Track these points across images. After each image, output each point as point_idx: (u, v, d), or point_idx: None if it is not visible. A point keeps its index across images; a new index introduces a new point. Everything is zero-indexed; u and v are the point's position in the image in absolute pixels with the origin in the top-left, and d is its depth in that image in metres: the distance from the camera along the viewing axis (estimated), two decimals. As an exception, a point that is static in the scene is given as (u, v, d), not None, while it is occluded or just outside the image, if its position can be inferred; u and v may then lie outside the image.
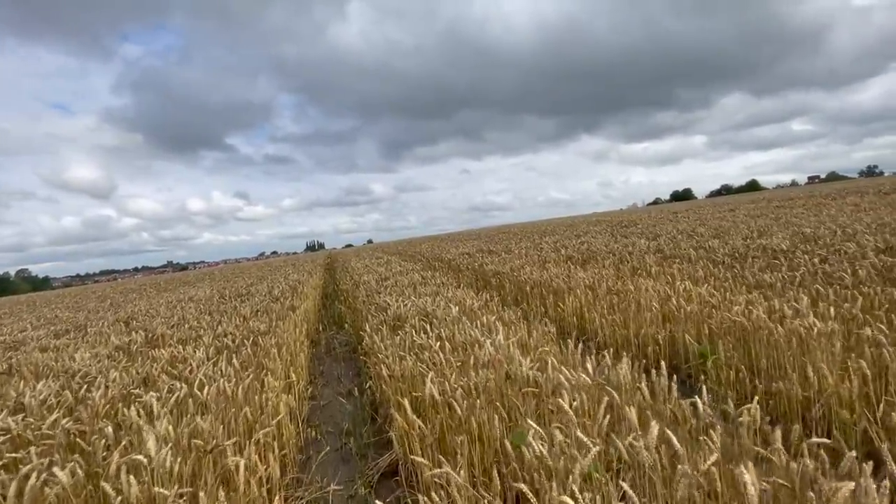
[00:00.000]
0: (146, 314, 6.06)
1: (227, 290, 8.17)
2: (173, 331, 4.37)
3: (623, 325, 3.45)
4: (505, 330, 3.05)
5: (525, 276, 5.80)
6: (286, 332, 4.19)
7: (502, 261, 8.11)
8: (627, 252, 6.26)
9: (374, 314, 4.35)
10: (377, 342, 3.35)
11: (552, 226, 21.97)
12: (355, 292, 6.61)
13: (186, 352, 3.38)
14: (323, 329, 6.24)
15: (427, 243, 22.79)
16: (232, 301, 6.52)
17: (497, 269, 7.10)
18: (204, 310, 5.68)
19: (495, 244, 12.93)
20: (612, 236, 9.88)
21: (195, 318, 5.00)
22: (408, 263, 10.29)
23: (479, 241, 16.10)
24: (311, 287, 8.25)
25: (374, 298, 5.19)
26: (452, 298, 4.66)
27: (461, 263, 9.20)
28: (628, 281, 4.41)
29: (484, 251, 11.01)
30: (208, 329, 4.29)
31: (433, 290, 5.46)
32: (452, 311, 3.70)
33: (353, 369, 4.56)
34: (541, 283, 5.30)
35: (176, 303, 7.08)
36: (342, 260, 18.00)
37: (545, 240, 11.38)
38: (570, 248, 8.17)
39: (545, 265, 6.60)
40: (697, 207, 19.62)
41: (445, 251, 12.90)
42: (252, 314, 5.13)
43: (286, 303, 5.89)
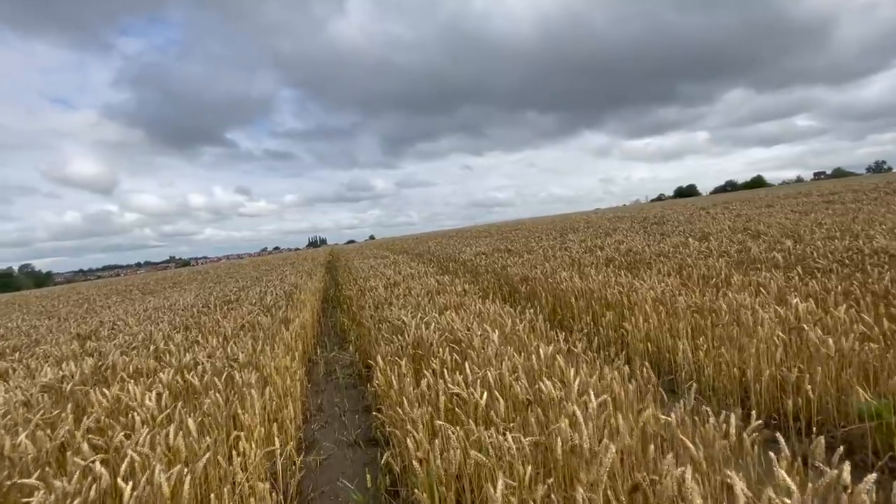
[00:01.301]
0: (113, 327, 5.24)
1: (214, 295, 7.34)
2: (131, 356, 3.53)
3: (730, 362, 2.57)
4: (572, 369, 2.18)
5: (564, 283, 4.92)
6: (274, 360, 3.34)
7: (527, 262, 7.23)
8: (684, 255, 5.37)
9: (385, 336, 3.49)
10: (394, 383, 2.49)
11: (569, 222, 21.02)
12: (361, 301, 5.76)
13: (136, 394, 2.53)
14: (322, 346, 5.40)
15: (434, 240, 21.91)
16: (216, 311, 5.68)
17: (524, 272, 6.22)
18: (180, 323, 4.85)
19: (512, 242, 12.05)
20: (646, 234, 8.98)
21: (165, 337, 4.16)
22: (418, 264, 9.43)
23: (493, 239, 15.21)
24: (310, 292, 7.41)
25: (384, 312, 4.33)
26: (483, 315, 3.79)
27: (478, 265, 8.32)
28: (707, 294, 3.52)
29: (501, 250, 10.13)
30: (175, 353, 3.45)
31: (455, 300, 4.60)
32: (491, 337, 2.83)
33: (360, 404, 3.71)
34: (588, 294, 4.42)
35: (153, 311, 6.26)
36: (344, 259, 17.16)
37: (569, 238, 10.48)
38: (607, 248, 7.27)
39: (582, 269, 5.73)
40: (725, 202, 18.61)
41: (458, 250, 12.02)
42: (235, 331, 4.29)
43: (278, 314, 5.04)
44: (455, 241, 18.63)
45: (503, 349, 2.64)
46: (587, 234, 11.06)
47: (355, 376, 4.35)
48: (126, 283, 18.74)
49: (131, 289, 13.99)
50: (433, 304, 4.42)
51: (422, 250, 15.58)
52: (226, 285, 10.09)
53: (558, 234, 12.49)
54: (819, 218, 7.29)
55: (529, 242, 10.78)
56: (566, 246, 8.71)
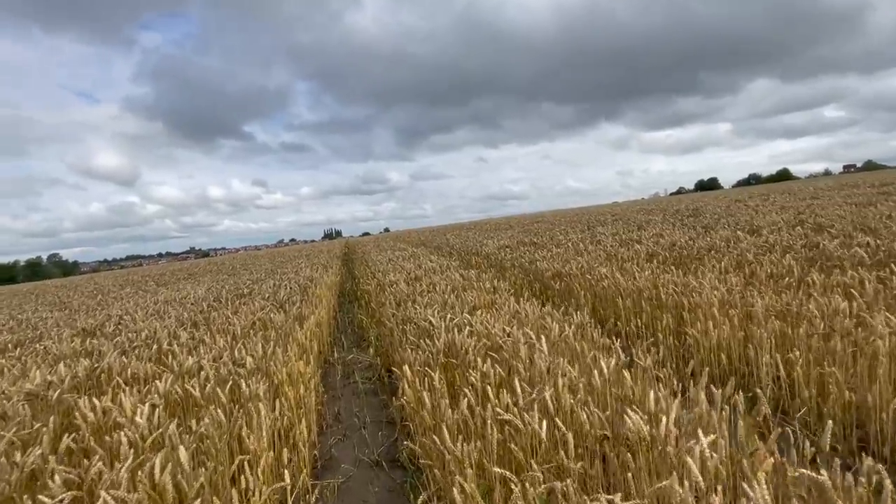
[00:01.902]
0: (119, 322, 4.99)
1: (227, 288, 7.08)
2: (131, 357, 3.23)
3: (840, 383, 2.10)
4: (652, 393, 1.76)
5: (605, 280, 4.46)
6: (287, 365, 2.99)
7: (556, 257, 6.77)
8: (741, 250, 4.85)
9: (411, 340, 3.10)
10: (426, 400, 2.10)
11: (593, 214, 20.34)
12: (380, 297, 5.40)
13: (127, 406, 2.21)
14: (338, 346, 5.06)
15: (453, 233, 21.51)
16: (227, 305, 5.39)
17: (556, 268, 5.77)
18: (188, 319, 4.56)
19: (536, 235, 11.55)
20: (683, 227, 8.40)
21: (170, 335, 3.86)
22: (438, 258, 9.04)
23: (514, 232, 14.72)
24: (326, 286, 7.09)
25: (407, 310, 3.95)
26: (520, 317, 3.38)
27: (503, 259, 7.89)
28: (784, 296, 3.04)
29: (526, 244, 9.67)
30: (178, 354, 3.13)
31: (486, 298, 4.19)
32: (539, 344, 2.41)
33: (382, 414, 3.35)
34: (636, 293, 3.97)
35: (163, 304, 6.02)
36: (361, 251, 16.88)
37: (599, 231, 9.95)
38: (645, 241, 6.75)
39: (622, 265, 5.25)
40: (761, 194, 17.71)
41: (479, 243, 11.59)
42: (245, 329, 3.97)
43: (292, 311, 4.71)
44: (474, 233, 18.18)
45: (555, 361, 2.23)
46: (617, 226, 10.50)
47: (375, 381, 4.00)
48: (142, 274, 18.84)
49: (147, 279, 13.96)
50: (461, 303, 4.02)
51: (440, 243, 15.19)
52: (240, 277, 9.88)
53: (585, 227, 11.94)
54: (884, 210, 6.64)
55: (555, 235, 10.28)
56: (597, 239, 8.20)
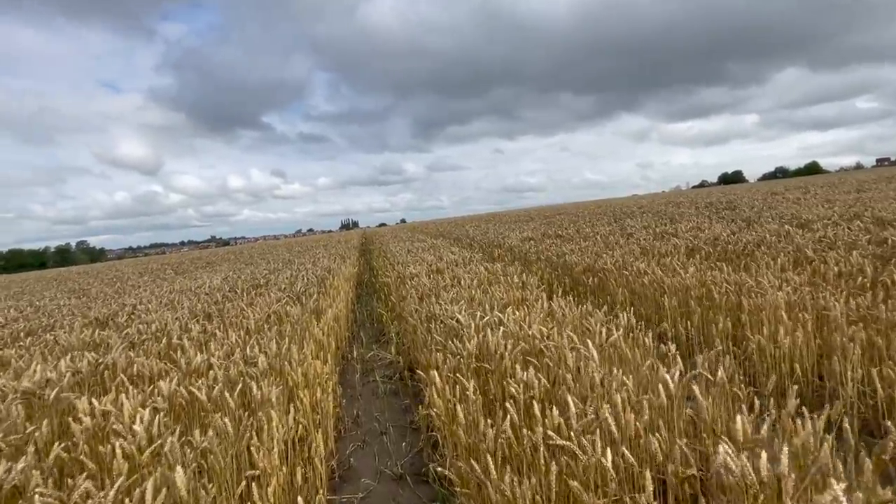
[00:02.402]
0: (133, 312, 4.87)
1: (243, 278, 6.95)
2: (138, 351, 3.05)
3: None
4: (740, 420, 1.45)
5: (646, 276, 4.12)
6: (302, 364, 2.77)
7: (586, 250, 6.42)
8: (798, 246, 4.43)
9: (437, 340, 2.84)
10: (459, 414, 1.84)
11: (618, 206, 19.74)
12: (401, 290, 5.15)
13: (127, 410, 2.01)
14: (356, 341, 4.84)
15: (471, 224, 21.19)
16: (242, 296, 5.23)
17: (587, 262, 5.44)
18: (201, 311, 4.39)
19: (560, 227, 11.16)
20: (720, 220, 7.92)
21: (182, 327, 3.69)
22: (459, 249, 8.77)
23: (536, 224, 14.33)
24: (344, 278, 6.89)
25: (431, 306, 3.69)
26: (556, 315, 3.09)
27: (528, 251, 7.56)
28: (863, 299, 2.67)
29: (551, 236, 9.31)
30: (188, 349, 2.94)
31: (515, 295, 3.90)
32: (586, 350, 2.12)
33: (404, 418, 3.11)
34: (682, 291, 3.62)
35: (178, 294, 5.90)
36: (378, 241, 16.72)
37: (628, 223, 9.52)
38: (682, 235, 6.35)
39: (661, 260, 4.88)
40: (800, 186, 16.86)
41: (500, 234, 11.26)
42: (260, 323, 3.77)
43: (309, 303, 4.51)
44: (494, 224, 17.83)
45: (610, 371, 1.94)
46: (647, 219, 10.03)
47: (397, 381, 3.76)
48: (162, 262, 19.08)
49: (165, 267, 14.06)
50: (489, 299, 3.74)
51: (460, 234, 14.90)
52: (257, 267, 9.79)
53: (612, 220, 11.49)
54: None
55: (581, 228, 9.88)
56: (628, 232, 7.81)
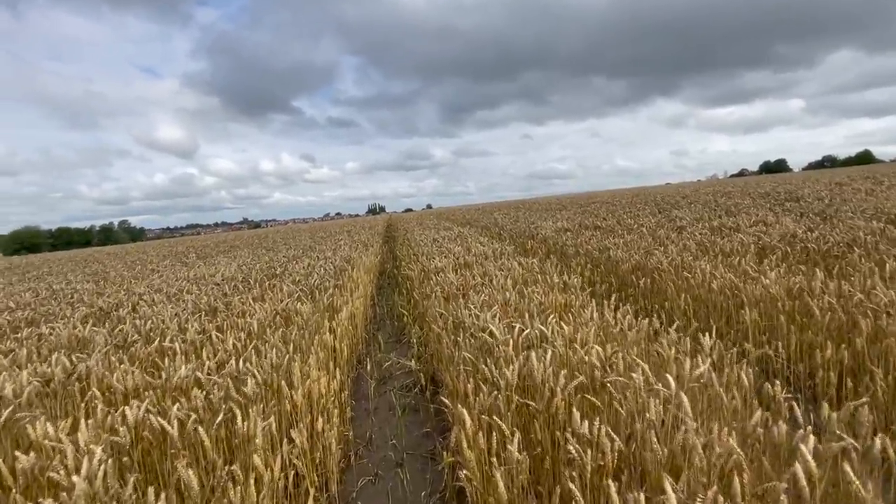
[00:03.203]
0: (139, 303, 4.58)
1: (259, 266, 6.63)
2: (123, 355, 2.69)
3: None
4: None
5: (715, 281, 3.50)
6: (304, 383, 2.33)
7: (632, 245, 5.79)
8: None
9: (467, 357, 2.35)
10: (500, 488, 1.35)
11: (659, 195, 18.63)
12: (424, 286, 4.68)
13: (77, 446, 1.61)
14: (374, 342, 4.42)
15: (500, 211, 20.52)
16: (254, 287, 4.88)
17: (636, 259, 4.82)
18: (207, 304, 4.04)
19: (597, 217, 10.44)
20: (785, 213, 7.08)
21: (179, 326, 3.33)
22: (489, 240, 8.23)
23: (571, 213, 13.59)
24: (365, 269, 6.48)
25: (458, 309, 3.20)
26: (611, 329, 2.54)
27: (565, 244, 6.95)
28: None
29: (588, 227, 8.65)
30: (177, 355, 2.56)
31: (557, 299, 3.36)
32: (665, 390, 1.58)
33: (426, 445, 2.66)
34: (767, 302, 3.00)
35: (189, 283, 5.62)
36: (403, 228, 16.31)
37: (675, 214, 8.73)
38: (745, 231, 5.62)
39: (726, 260, 4.23)
40: (869, 176, 15.41)
41: (531, 223, 10.63)
42: (266, 322, 3.37)
43: (323, 298, 4.10)
44: (524, 212, 17.13)
45: (709, 428, 1.40)
46: (697, 210, 9.20)
47: (416, 394, 3.31)
48: (188, 245, 19.28)
49: (189, 251, 14.07)
50: (527, 303, 3.22)
51: (488, 223, 14.31)
52: (277, 252, 9.52)
53: (655, 210, 10.66)
54: None
55: (622, 218, 9.15)
56: (678, 225, 7.08)
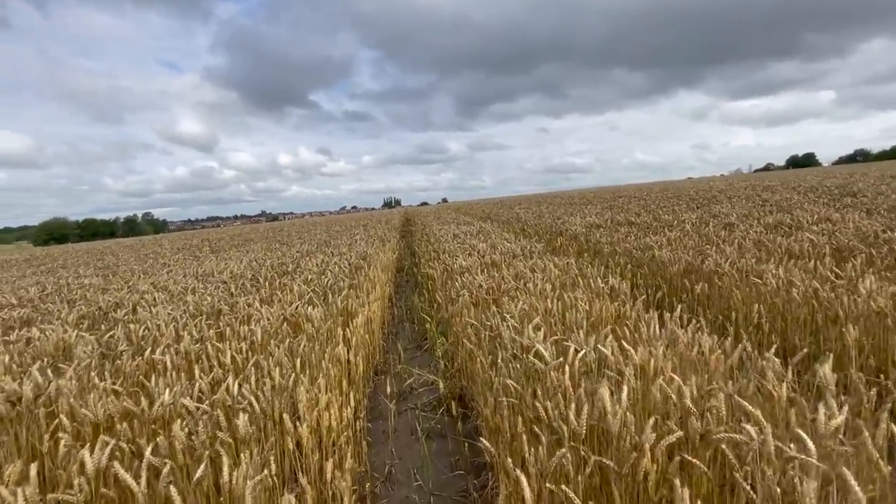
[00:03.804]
0: (141, 300, 4.27)
1: (270, 263, 6.30)
2: (107, 367, 2.35)
3: None
4: None
5: (793, 289, 2.99)
6: (314, 413, 1.94)
7: (677, 243, 5.28)
8: None
9: (513, 387, 1.92)
10: None
11: (692, 188, 17.82)
12: (448, 288, 4.26)
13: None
14: (393, 350, 4.02)
15: (521, 206, 19.96)
16: (264, 286, 4.53)
17: (688, 260, 4.32)
18: (209, 307, 3.69)
19: (628, 212, 9.85)
20: (844, 209, 6.44)
21: (175, 334, 2.98)
22: (515, 237, 7.76)
23: (598, 207, 12.99)
24: (382, 267, 6.09)
25: (491, 318, 2.76)
26: (683, 350, 2.08)
27: (598, 242, 6.45)
28: None
29: (622, 223, 8.10)
30: (165, 374, 2.19)
31: (607, 308, 2.90)
32: (792, 451, 1.13)
33: (454, 485, 2.25)
34: (872, 318, 2.50)
35: (195, 281, 5.31)
36: (420, 222, 15.91)
37: (718, 210, 8.11)
38: (808, 228, 5.04)
39: (797, 263, 3.69)
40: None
41: (557, 218, 10.10)
42: (271, 330, 2.99)
43: (337, 301, 3.71)
44: (546, 207, 16.55)
45: None
46: (742, 206, 8.56)
47: (443, 415, 2.90)
48: (202, 238, 19.25)
49: (204, 244, 13.92)
50: (574, 313, 2.76)
51: (510, 217, 13.81)
52: (291, 247, 9.22)
53: (693, 205, 10.02)
54: None
55: (659, 214, 8.57)
56: (725, 221, 6.50)
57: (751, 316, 3.06)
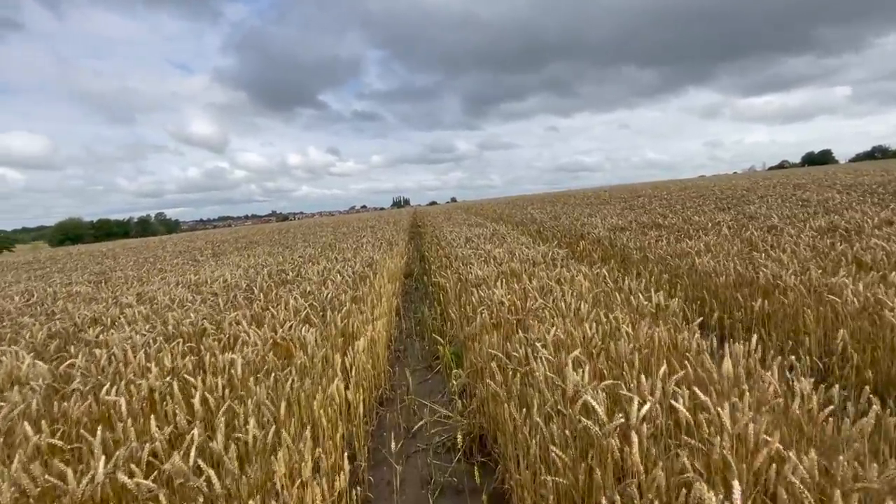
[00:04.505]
0: (120, 316, 3.86)
1: (269, 269, 5.89)
2: (52, 409, 1.92)
3: None
4: None
5: (886, 310, 2.48)
6: (294, 491, 1.49)
7: (718, 250, 4.77)
8: None
9: (559, 458, 1.45)
10: None
11: (710, 189, 17.14)
12: (462, 302, 3.79)
13: None
14: (400, 372, 3.56)
15: (534, 206, 19.43)
16: (258, 298, 4.10)
17: (739, 271, 3.81)
18: (190, 327, 3.27)
19: (652, 213, 9.30)
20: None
21: (145, 362, 2.55)
22: (531, 240, 7.28)
23: (615, 207, 12.43)
24: (389, 275, 5.64)
25: (519, 349, 2.29)
26: (792, 411, 1.59)
27: (626, 246, 5.93)
28: None
29: (647, 225, 7.56)
30: (126, 415, 1.76)
31: (661, 336, 2.41)
32: None
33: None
34: None
35: (185, 290, 4.91)
36: (430, 223, 15.46)
37: (751, 211, 7.54)
38: (869, 233, 4.49)
39: (867, 271, 3.18)
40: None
41: (575, 220, 9.58)
42: (258, 358, 2.56)
43: (336, 319, 3.27)
44: (561, 207, 15.99)
45: None
46: (778, 206, 7.97)
47: (460, 462, 2.43)
48: (206, 240, 18.98)
49: (207, 246, 13.60)
50: (616, 338, 2.29)
51: (523, 218, 13.30)
52: (294, 251, 8.82)
53: (723, 205, 9.43)
54: None
55: (688, 215, 8.01)
56: (767, 224, 5.95)
57: (832, 343, 2.56)
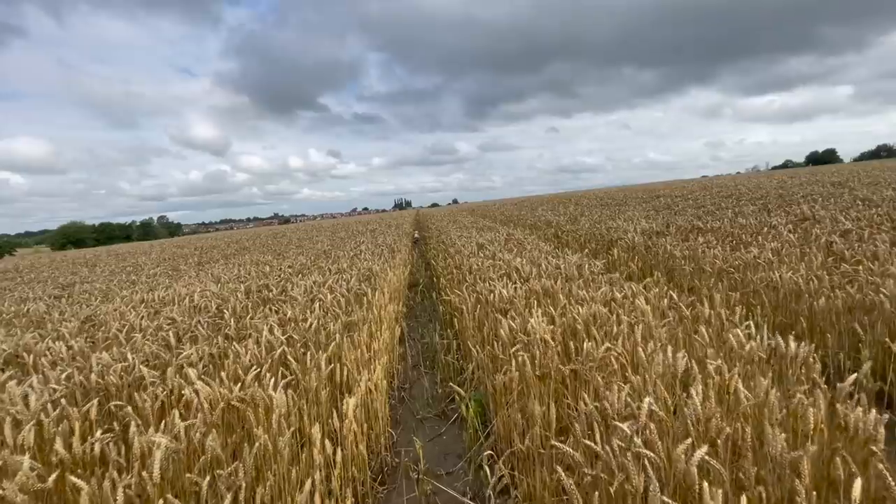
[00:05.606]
0: (45, 352, 3.08)
1: (250, 285, 5.08)
2: None
3: None
4: None
5: None
6: None
7: (795, 261, 3.97)
8: None
9: None
10: None
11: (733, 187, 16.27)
12: (485, 333, 2.99)
13: None
14: (406, 426, 2.74)
15: (544, 206, 18.61)
16: (227, 325, 3.31)
17: (846, 291, 3.00)
18: (128, 371, 2.47)
19: (681, 214, 8.47)
20: None
21: (52, 427, 1.75)
22: (551, 246, 6.47)
23: (637, 210, 11.59)
24: (391, 291, 4.83)
25: (583, 416, 1.50)
26: None
27: (670, 254, 5.11)
28: None
29: (686, 228, 6.74)
30: None
31: (804, 405, 1.60)
32: None
33: None
34: None
35: (145, 309, 4.12)
36: (435, 227, 14.65)
37: (803, 210, 6.71)
38: None
39: None
40: None
41: (598, 222, 8.76)
42: (195, 436, 1.77)
43: (323, 358, 2.47)
44: (574, 208, 15.15)
45: None
46: (832, 206, 7.14)
47: None
48: (195, 246, 18.18)
49: (193, 254, 12.77)
50: (734, 405, 1.49)
51: (536, 220, 12.48)
52: (285, 259, 8.04)
53: (763, 206, 8.59)
54: None
55: (734, 218, 7.18)
56: (841, 228, 5.12)
57: None
